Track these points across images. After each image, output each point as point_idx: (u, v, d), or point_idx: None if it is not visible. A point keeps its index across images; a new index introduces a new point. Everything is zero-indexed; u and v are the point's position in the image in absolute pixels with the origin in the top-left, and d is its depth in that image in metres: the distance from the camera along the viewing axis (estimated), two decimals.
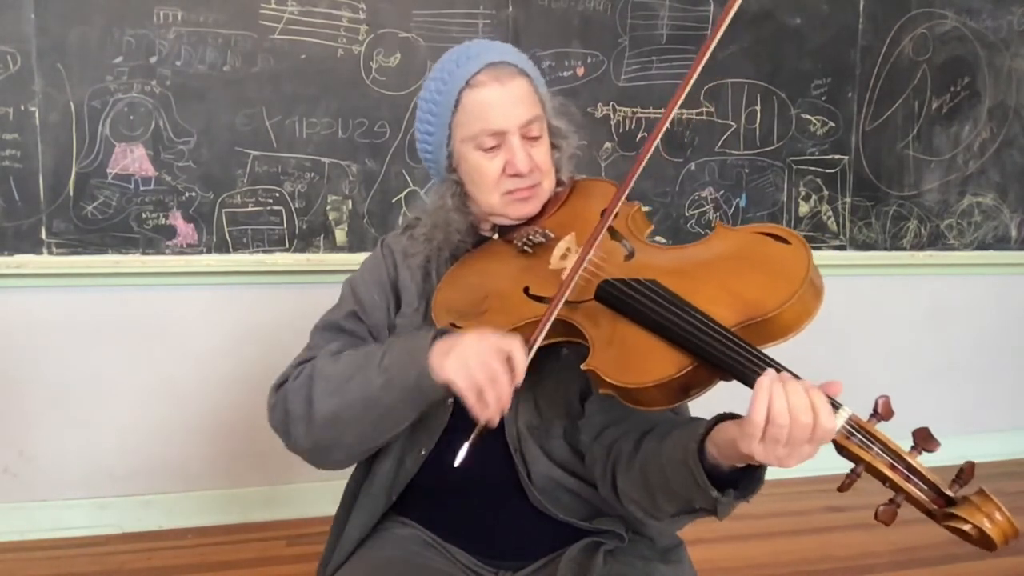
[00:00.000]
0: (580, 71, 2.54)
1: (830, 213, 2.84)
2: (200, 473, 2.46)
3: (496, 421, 0.92)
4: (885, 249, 2.91)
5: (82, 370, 2.34)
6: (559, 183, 1.20)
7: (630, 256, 1.04)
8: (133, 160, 2.27)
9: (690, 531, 1.27)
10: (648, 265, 1.01)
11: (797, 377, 0.81)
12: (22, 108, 2.19)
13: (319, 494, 2.42)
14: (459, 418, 1.09)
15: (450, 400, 1.09)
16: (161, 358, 2.39)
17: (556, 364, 1.06)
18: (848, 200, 2.85)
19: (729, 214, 2.75)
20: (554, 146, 1.18)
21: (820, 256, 2.78)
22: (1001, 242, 3.05)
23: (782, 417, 0.77)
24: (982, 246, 3.02)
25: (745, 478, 0.89)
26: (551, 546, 1.12)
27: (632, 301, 0.93)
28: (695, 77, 1.03)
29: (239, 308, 2.43)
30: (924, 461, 0.79)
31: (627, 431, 1.04)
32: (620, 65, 2.58)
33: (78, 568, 2.18)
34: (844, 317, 2.91)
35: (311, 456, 1.09)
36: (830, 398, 0.80)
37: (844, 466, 0.81)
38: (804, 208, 2.82)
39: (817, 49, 2.75)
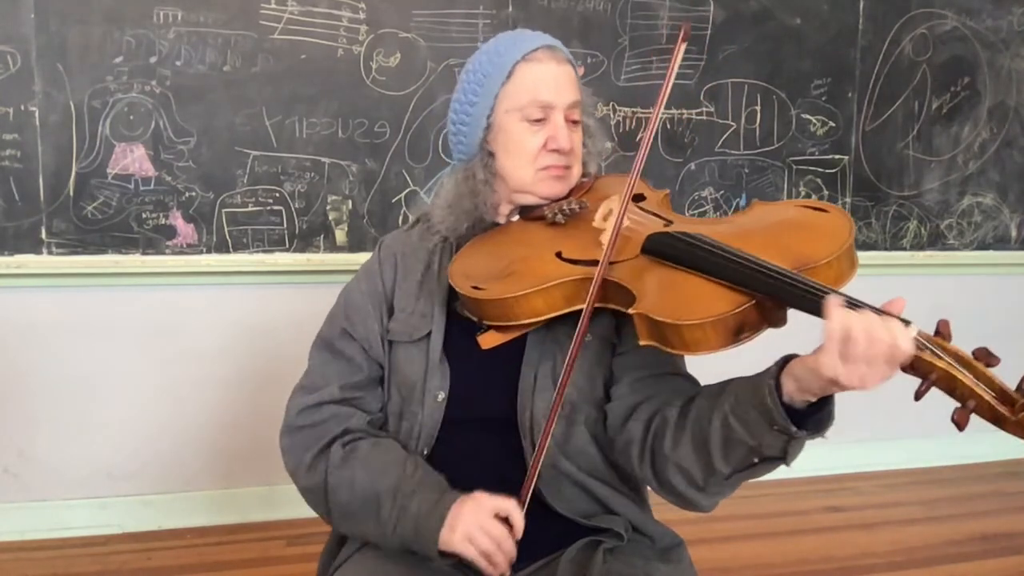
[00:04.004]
0: (580, 71, 2.53)
1: None
2: (200, 473, 2.46)
3: (507, 574, 1.01)
4: (885, 249, 2.91)
5: (82, 370, 2.34)
6: (584, 175, 1.23)
7: (669, 224, 1.07)
8: (133, 160, 2.27)
9: (690, 531, 1.28)
10: (691, 227, 1.02)
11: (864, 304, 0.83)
12: (22, 108, 2.19)
13: None
14: (454, 409, 1.12)
15: (442, 396, 1.12)
16: (161, 358, 2.39)
17: (581, 353, 1.05)
18: (848, 200, 2.85)
19: (729, 214, 2.75)
20: (583, 142, 1.21)
21: None
22: (1001, 242, 3.04)
23: (857, 331, 0.79)
24: (982, 246, 3.02)
25: (813, 418, 0.89)
26: (551, 546, 1.12)
27: (684, 246, 0.96)
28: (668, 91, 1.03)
29: (239, 308, 2.43)
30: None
31: (666, 402, 1.04)
32: (620, 65, 2.58)
33: (78, 568, 2.18)
34: None
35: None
36: (899, 317, 0.82)
37: (844, 466, 0.81)
38: None
39: (817, 49, 2.75)
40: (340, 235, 2.43)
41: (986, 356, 0.81)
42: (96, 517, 2.38)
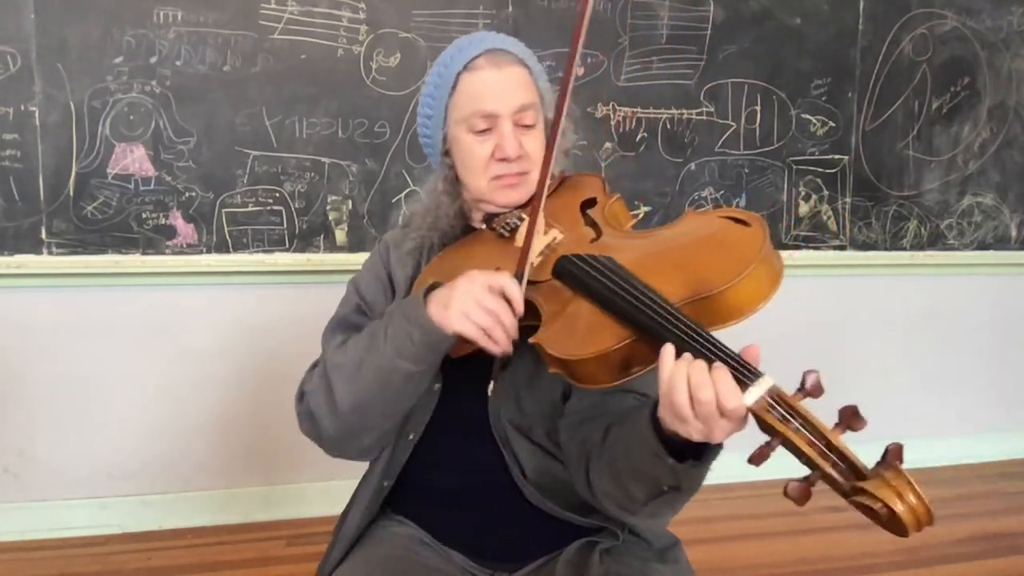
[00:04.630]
0: (580, 71, 2.54)
1: (830, 213, 2.84)
2: (200, 473, 2.46)
3: (511, 351, 0.96)
4: (885, 249, 2.91)
5: (82, 370, 2.35)
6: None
7: (596, 239, 1.06)
8: (133, 160, 2.27)
9: (689, 531, 1.28)
10: (610, 246, 1.02)
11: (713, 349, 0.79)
12: (22, 108, 2.19)
13: (319, 494, 2.43)
14: (444, 406, 1.12)
15: (437, 386, 1.12)
16: (161, 358, 2.39)
17: (537, 364, 1.04)
18: (848, 200, 2.85)
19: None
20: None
21: (820, 256, 2.82)
22: (1001, 242, 3.04)
23: (678, 389, 0.77)
24: (982, 246, 3.02)
25: (704, 446, 0.85)
26: (547, 547, 1.12)
27: (582, 275, 0.95)
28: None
29: (239, 308, 2.43)
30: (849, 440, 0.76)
31: (598, 426, 1.03)
32: (620, 65, 2.58)
33: (78, 568, 2.18)
34: (844, 317, 2.91)
35: (344, 447, 1.12)
36: (751, 370, 0.77)
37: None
38: (804, 208, 2.82)
39: (817, 49, 2.75)
40: (340, 235, 2.43)
41: (850, 418, 0.74)
42: (96, 517, 2.38)
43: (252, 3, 2.28)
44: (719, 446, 0.84)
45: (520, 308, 0.96)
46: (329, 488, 2.33)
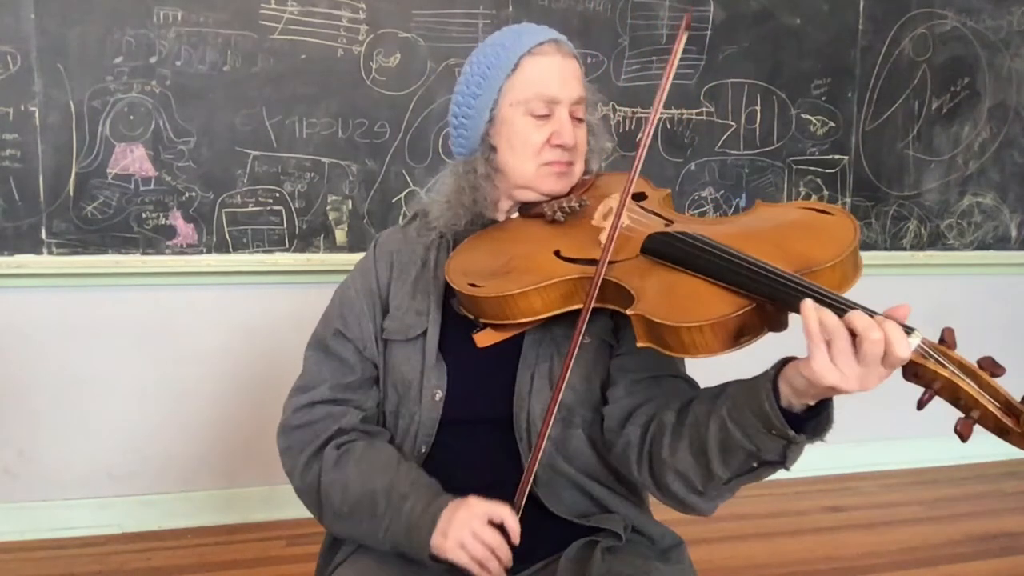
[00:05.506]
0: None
1: None
2: (200, 473, 2.46)
3: None
4: (885, 249, 2.91)
5: (82, 370, 2.34)
6: (586, 172, 1.22)
7: (669, 224, 1.05)
8: (133, 160, 2.27)
9: (690, 531, 1.28)
10: (691, 227, 1.01)
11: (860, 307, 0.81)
12: (22, 108, 2.19)
13: None
14: (451, 408, 1.11)
15: (440, 395, 1.11)
16: (161, 358, 2.39)
17: (578, 354, 1.04)
18: (848, 200, 2.85)
19: (729, 214, 2.75)
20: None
21: None
22: (1001, 242, 3.04)
23: (838, 329, 0.77)
24: (982, 246, 3.02)
25: (811, 421, 0.87)
26: (550, 548, 1.11)
27: (684, 247, 0.95)
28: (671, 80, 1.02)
29: (239, 308, 2.43)
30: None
31: (663, 406, 1.03)
32: (620, 65, 2.58)
33: (78, 568, 2.18)
34: None
35: None
36: (903, 324, 0.79)
37: (844, 466, 0.80)
38: None
39: (817, 49, 2.75)
40: (340, 235, 2.43)
41: (991, 366, 0.79)
42: (96, 517, 2.38)
43: (252, 3, 2.28)
44: (831, 420, 0.87)
45: (517, 539, 0.99)
46: None
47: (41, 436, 2.35)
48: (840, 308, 0.79)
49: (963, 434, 0.79)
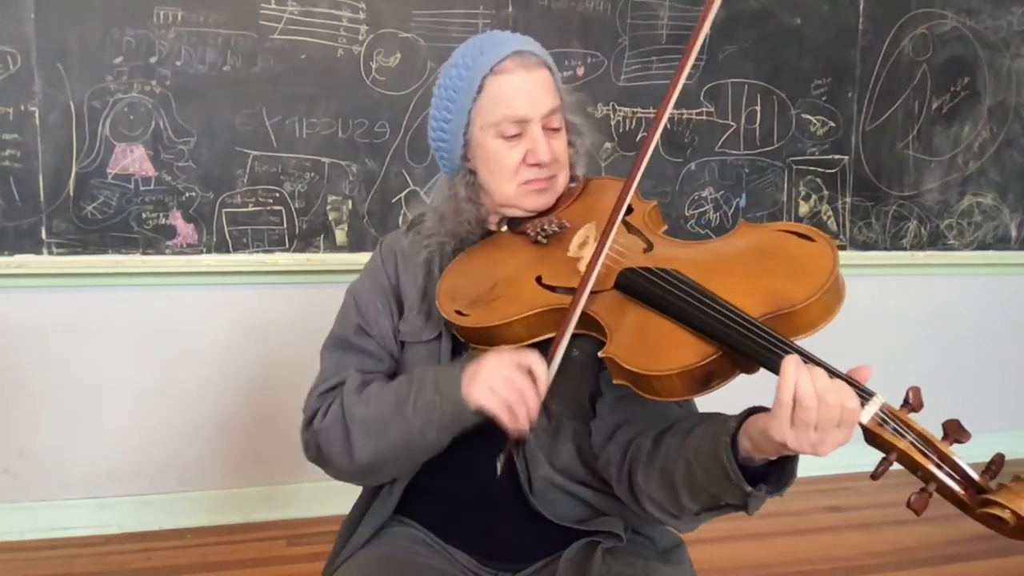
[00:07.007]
0: (580, 71, 2.54)
1: (830, 213, 2.84)
2: (200, 473, 2.46)
3: (528, 432, 0.97)
4: (885, 249, 2.91)
5: (82, 370, 2.34)
6: (572, 179, 1.20)
7: (649, 249, 1.04)
8: (133, 160, 2.27)
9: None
10: (669, 257, 1.00)
11: (823, 364, 0.81)
12: (22, 108, 2.19)
13: (319, 494, 2.43)
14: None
15: None
16: (161, 358, 2.39)
17: (566, 365, 1.04)
18: (848, 200, 2.85)
19: (729, 214, 2.75)
20: (569, 143, 1.18)
21: None
22: (1001, 242, 3.05)
23: (809, 398, 0.77)
24: (982, 246, 3.02)
25: (776, 472, 0.88)
26: (550, 548, 1.12)
27: (655, 288, 0.93)
28: (684, 75, 1.00)
29: (239, 308, 2.43)
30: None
31: (643, 429, 1.03)
32: (620, 65, 2.58)
33: (78, 568, 2.18)
34: (843, 317, 2.90)
35: (354, 482, 1.16)
36: (861, 387, 0.80)
37: (841, 467, 0.81)
38: (804, 208, 2.82)
39: (817, 49, 2.75)
40: (340, 235, 2.43)
41: (956, 431, 0.78)
42: (96, 517, 2.38)
43: (252, 3, 2.28)
44: (794, 474, 0.88)
45: (544, 389, 0.95)
46: (329, 488, 2.31)
47: (41, 436, 2.35)
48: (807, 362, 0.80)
49: (916, 509, 0.78)
